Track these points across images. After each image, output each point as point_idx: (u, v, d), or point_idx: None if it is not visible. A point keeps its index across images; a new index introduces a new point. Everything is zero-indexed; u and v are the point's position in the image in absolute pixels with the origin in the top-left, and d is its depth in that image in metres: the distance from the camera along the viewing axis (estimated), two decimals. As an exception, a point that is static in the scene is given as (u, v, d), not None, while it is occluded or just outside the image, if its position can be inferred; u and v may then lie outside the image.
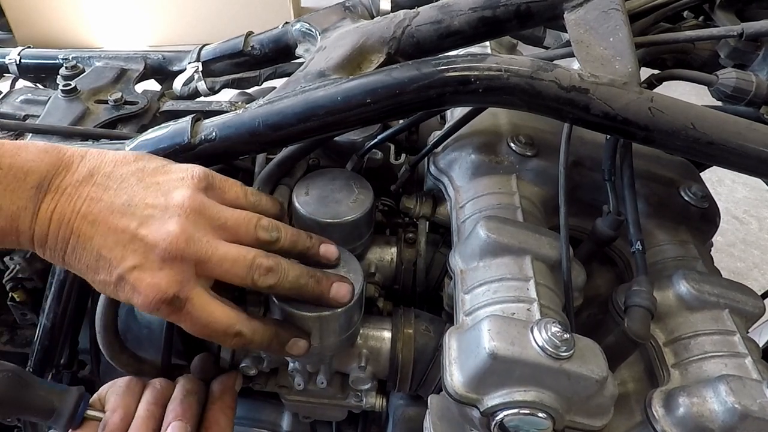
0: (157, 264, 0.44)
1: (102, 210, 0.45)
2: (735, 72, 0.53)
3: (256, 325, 0.49)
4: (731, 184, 2.28)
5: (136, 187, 0.46)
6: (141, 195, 0.46)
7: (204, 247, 0.46)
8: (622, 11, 0.52)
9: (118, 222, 0.45)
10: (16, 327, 0.75)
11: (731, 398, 0.40)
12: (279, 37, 0.74)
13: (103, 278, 0.45)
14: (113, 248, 0.44)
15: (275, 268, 0.48)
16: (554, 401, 0.41)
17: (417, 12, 0.56)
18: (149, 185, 0.47)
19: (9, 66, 0.84)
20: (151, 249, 0.44)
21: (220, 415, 0.54)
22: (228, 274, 0.47)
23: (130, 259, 0.44)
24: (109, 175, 0.47)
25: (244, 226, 0.49)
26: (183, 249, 0.44)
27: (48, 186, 0.45)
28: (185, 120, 0.54)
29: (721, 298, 0.50)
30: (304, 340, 0.52)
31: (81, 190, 0.45)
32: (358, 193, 0.59)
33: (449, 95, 0.48)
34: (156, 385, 0.54)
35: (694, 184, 0.63)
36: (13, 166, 0.44)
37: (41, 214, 0.44)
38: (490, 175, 0.61)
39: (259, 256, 0.48)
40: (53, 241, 0.45)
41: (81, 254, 0.45)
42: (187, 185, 0.47)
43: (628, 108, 0.45)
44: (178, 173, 0.48)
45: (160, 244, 0.44)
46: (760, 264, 2.01)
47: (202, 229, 0.46)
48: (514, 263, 0.50)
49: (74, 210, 0.45)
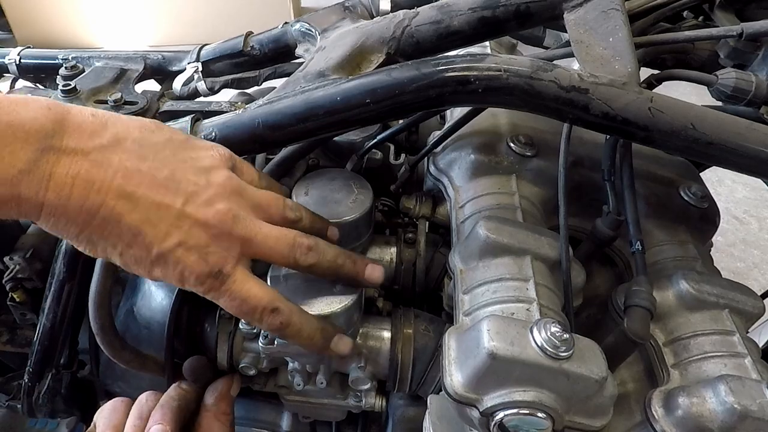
0: (203, 241, 0.43)
1: (142, 182, 0.42)
2: (735, 72, 0.53)
3: (294, 307, 0.49)
4: (731, 184, 2.28)
5: (173, 159, 0.44)
6: (182, 169, 0.44)
7: (249, 225, 0.46)
8: (622, 11, 0.52)
9: (162, 197, 0.42)
10: (16, 327, 0.75)
11: (731, 398, 0.40)
12: (279, 37, 0.74)
13: (137, 253, 0.43)
14: (156, 224, 0.42)
15: (315, 248, 0.49)
16: (554, 401, 0.41)
17: (416, 12, 0.56)
18: (185, 159, 0.45)
19: (9, 66, 0.84)
20: (200, 226, 0.43)
21: (213, 423, 0.54)
22: (272, 251, 0.47)
23: (174, 236, 0.43)
24: (141, 142, 0.43)
25: (275, 206, 0.49)
26: (231, 227, 0.44)
27: (61, 147, 0.39)
28: (185, 120, 0.54)
29: (720, 298, 0.50)
30: (350, 338, 0.52)
31: (110, 157, 0.41)
32: (357, 193, 0.59)
33: (449, 95, 0.48)
34: (142, 400, 0.54)
35: (693, 184, 0.63)
36: (12, 124, 0.38)
37: (57, 178, 0.39)
38: (490, 175, 0.61)
39: (299, 236, 0.48)
40: (75, 210, 0.40)
41: (112, 228, 0.41)
42: (220, 164, 0.47)
43: (627, 108, 0.45)
44: (206, 150, 0.47)
45: (209, 221, 0.43)
46: (760, 264, 2.01)
47: (245, 209, 0.46)
48: (514, 263, 0.50)
49: (106, 178, 0.40)
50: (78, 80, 0.75)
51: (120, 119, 0.44)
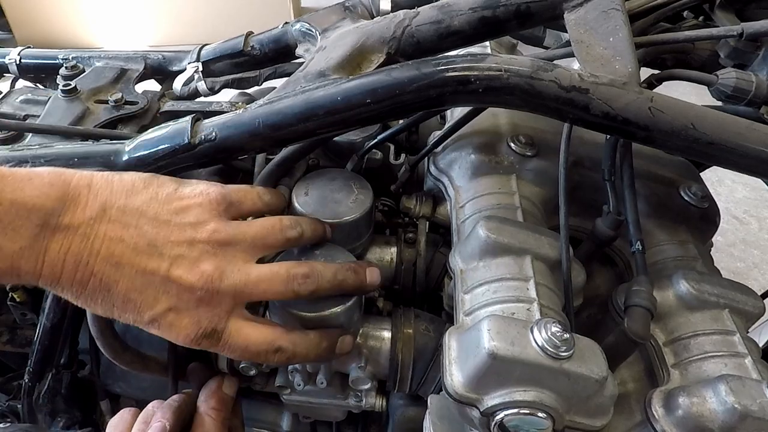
0: (193, 304, 0.44)
1: (125, 251, 0.43)
2: (735, 72, 0.53)
3: (295, 337, 0.48)
4: (731, 184, 2.28)
5: (155, 221, 0.44)
6: (164, 232, 0.44)
7: (237, 276, 0.45)
8: (622, 11, 0.52)
9: (146, 264, 0.43)
10: (16, 327, 0.75)
11: (731, 398, 0.40)
12: (279, 37, 0.74)
13: (131, 317, 0.44)
14: (143, 291, 0.43)
15: (311, 274, 0.48)
16: (554, 401, 0.41)
17: (417, 12, 0.56)
18: (168, 218, 0.45)
19: (9, 66, 0.84)
20: (187, 290, 0.43)
21: (204, 418, 0.54)
22: (267, 293, 0.47)
23: (163, 302, 0.43)
24: (124, 209, 0.44)
25: (272, 234, 0.49)
26: (218, 286, 0.44)
27: (56, 224, 0.42)
28: (185, 120, 0.54)
29: (720, 298, 0.50)
30: (349, 335, 0.52)
31: (97, 229, 0.43)
32: (357, 193, 0.59)
33: (449, 95, 0.48)
34: (148, 409, 0.54)
35: (694, 184, 0.63)
36: (15, 203, 0.40)
37: (51, 254, 0.41)
38: (490, 175, 0.61)
39: (291, 267, 0.47)
40: (68, 282, 0.42)
41: (104, 296, 0.43)
42: (207, 212, 0.46)
43: (628, 108, 0.45)
44: (193, 198, 0.47)
45: (195, 285, 0.43)
46: (760, 264, 2.01)
47: (233, 258, 0.46)
48: (514, 263, 0.50)
49: (92, 251, 0.42)
50: (78, 80, 0.75)
51: (108, 182, 0.45)
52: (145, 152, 0.54)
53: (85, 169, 0.46)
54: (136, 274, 0.43)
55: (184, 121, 0.54)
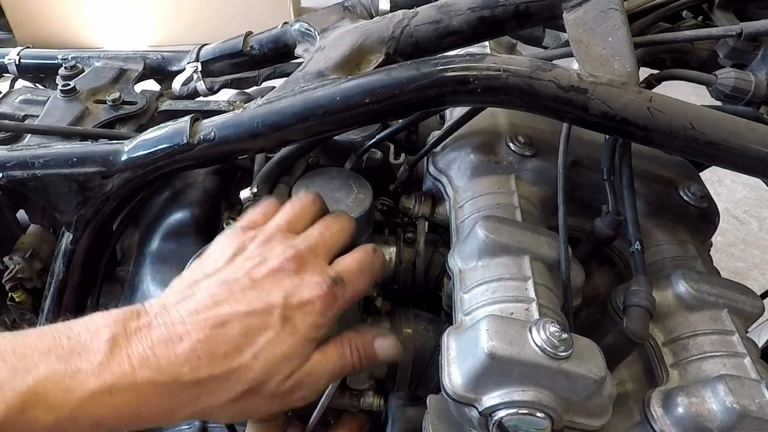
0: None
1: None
2: (734, 72, 0.53)
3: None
4: (731, 184, 2.28)
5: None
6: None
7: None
8: (621, 11, 0.52)
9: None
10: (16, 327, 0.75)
11: (730, 398, 0.40)
12: (278, 37, 0.74)
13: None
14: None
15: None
16: (553, 401, 0.41)
17: (416, 12, 0.56)
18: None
19: (8, 66, 0.84)
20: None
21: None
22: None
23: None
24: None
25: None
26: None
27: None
28: (184, 120, 0.54)
29: (720, 297, 0.50)
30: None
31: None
32: (357, 192, 0.59)
33: (448, 95, 0.48)
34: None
35: (693, 184, 0.63)
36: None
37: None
38: (489, 174, 0.61)
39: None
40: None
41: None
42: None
43: (626, 108, 0.45)
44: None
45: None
46: (760, 264, 2.01)
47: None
48: (513, 263, 0.50)
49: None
50: (77, 80, 0.75)
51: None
52: (144, 152, 0.54)
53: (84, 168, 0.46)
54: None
55: (182, 121, 0.54)
